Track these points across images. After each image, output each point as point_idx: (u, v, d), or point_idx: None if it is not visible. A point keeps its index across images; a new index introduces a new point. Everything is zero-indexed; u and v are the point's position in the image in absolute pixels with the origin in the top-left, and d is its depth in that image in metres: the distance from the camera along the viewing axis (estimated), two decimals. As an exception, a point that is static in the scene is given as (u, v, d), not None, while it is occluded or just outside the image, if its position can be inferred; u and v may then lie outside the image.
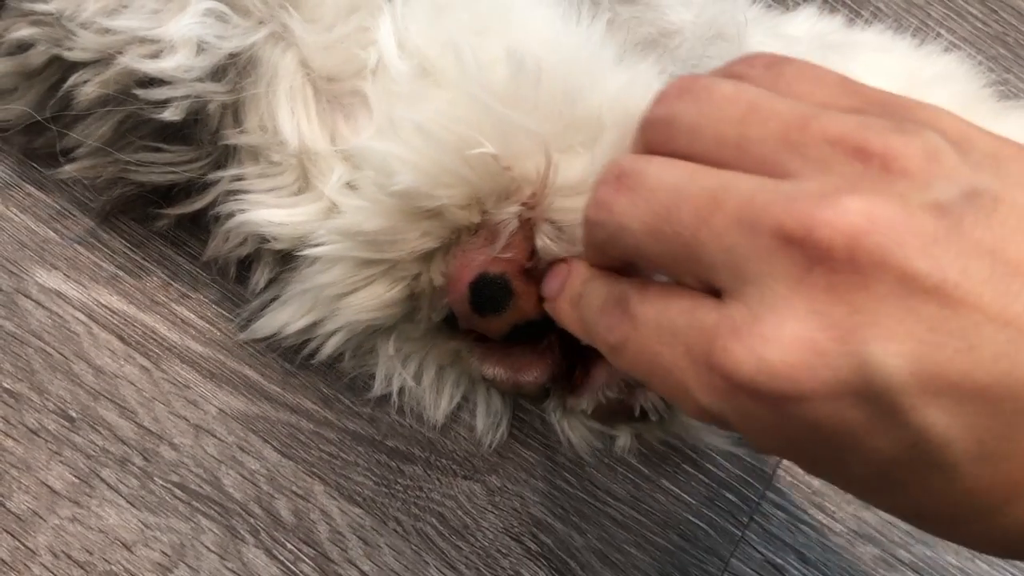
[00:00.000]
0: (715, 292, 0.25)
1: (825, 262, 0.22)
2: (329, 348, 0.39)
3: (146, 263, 0.41)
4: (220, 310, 0.41)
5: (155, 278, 0.41)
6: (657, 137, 0.27)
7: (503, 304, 0.35)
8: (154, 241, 0.42)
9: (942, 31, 0.50)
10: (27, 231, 0.41)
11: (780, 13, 0.44)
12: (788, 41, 0.41)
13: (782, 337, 0.23)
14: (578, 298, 0.31)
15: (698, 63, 0.39)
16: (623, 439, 0.40)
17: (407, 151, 0.34)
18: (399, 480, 0.40)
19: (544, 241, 0.34)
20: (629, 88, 0.35)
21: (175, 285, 0.41)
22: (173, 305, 0.41)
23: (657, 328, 0.26)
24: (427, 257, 0.36)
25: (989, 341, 0.22)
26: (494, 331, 0.36)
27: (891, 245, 0.22)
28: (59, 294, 0.41)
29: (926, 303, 0.22)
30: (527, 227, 0.35)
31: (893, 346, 0.22)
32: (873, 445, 0.23)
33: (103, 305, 0.41)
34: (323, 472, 0.40)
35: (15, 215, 0.42)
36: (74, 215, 0.42)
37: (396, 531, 0.39)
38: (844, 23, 0.44)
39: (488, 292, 0.35)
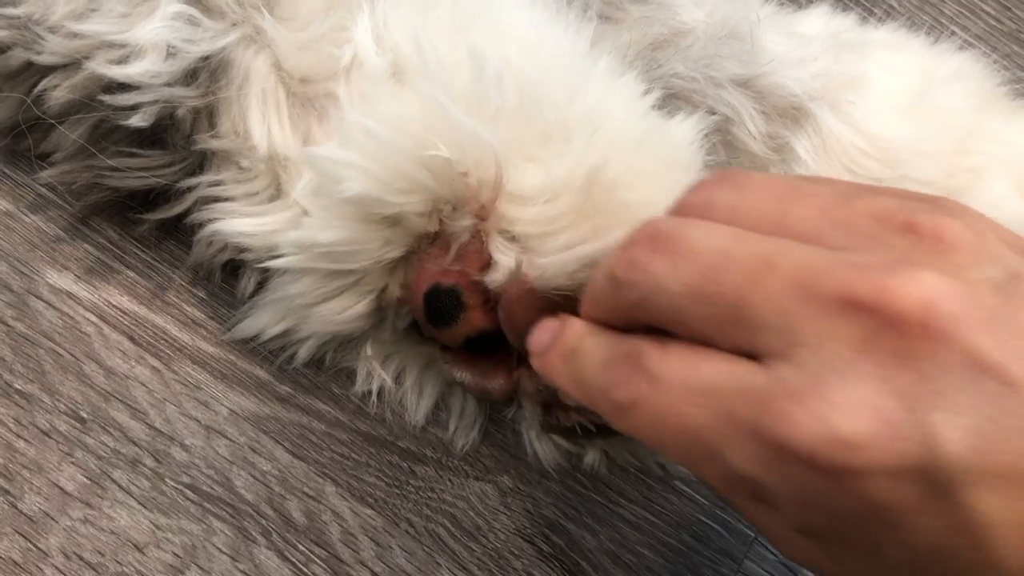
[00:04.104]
0: (751, 357, 0.24)
1: (897, 327, 0.22)
2: (304, 354, 0.39)
3: (157, 264, 0.41)
4: (231, 311, 0.41)
5: (166, 279, 0.41)
6: (693, 212, 0.26)
7: (454, 317, 0.34)
8: (165, 242, 0.41)
9: (955, 28, 0.49)
10: (38, 231, 0.41)
11: (793, 12, 0.44)
12: (801, 40, 0.41)
13: (850, 402, 0.22)
14: (571, 353, 0.28)
15: (710, 63, 0.39)
16: (590, 456, 0.39)
17: (356, 156, 0.33)
18: (411, 481, 0.40)
19: (497, 252, 0.33)
20: (603, 103, 0.34)
21: (186, 286, 0.41)
22: (184, 306, 0.41)
23: (685, 388, 0.24)
24: (393, 268, 0.35)
25: None
26: (449, 341, 0.36)
27: (961, 317, 0.22)
28: (70, 295, 0.41)
29: (987, 379, 0.22)
30: (479, 238, 0.34)
31: (956, 419, 0.21)
32: (919, 526, 0.22)
33: (114, 306, 0.41)
34: (335, 473, 0.39)
35: (26, 215, 0.41)
36: (85, 215, 0.42)
37: (408, 532, 0.39)
38: (857, 21, 0.44)
39: (439, 304, 0.34)
